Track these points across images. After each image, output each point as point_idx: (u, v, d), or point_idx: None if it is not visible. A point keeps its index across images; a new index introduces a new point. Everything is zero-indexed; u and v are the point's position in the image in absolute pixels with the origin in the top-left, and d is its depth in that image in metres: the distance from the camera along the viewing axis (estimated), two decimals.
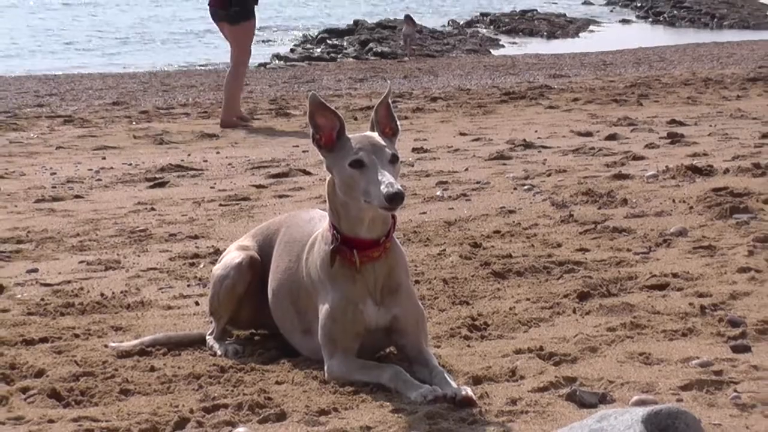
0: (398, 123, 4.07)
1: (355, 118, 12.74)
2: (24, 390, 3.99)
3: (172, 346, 4.52)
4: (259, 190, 8.63)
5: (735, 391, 3.67)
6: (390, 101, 4.06)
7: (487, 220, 6.94)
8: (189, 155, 11.02)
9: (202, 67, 24.03)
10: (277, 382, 4.01)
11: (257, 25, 14.13)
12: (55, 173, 10.01)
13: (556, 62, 22.37)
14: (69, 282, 5.81)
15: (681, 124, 11.55)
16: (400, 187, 3.74)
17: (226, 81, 13.72)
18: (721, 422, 3.40)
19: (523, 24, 34.21)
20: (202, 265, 6.08)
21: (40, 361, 4.30)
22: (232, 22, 13.42)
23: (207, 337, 4.58)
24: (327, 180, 4.02)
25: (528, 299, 5.04)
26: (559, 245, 6.12)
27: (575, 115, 13.25)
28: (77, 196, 8.74)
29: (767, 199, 6.82)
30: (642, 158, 9.12)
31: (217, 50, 26.98)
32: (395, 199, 3.72)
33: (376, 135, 3.97)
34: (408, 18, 26.69)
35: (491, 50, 27.97)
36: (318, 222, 4.27)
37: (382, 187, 3.74)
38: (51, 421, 3.68)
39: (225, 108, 13.63)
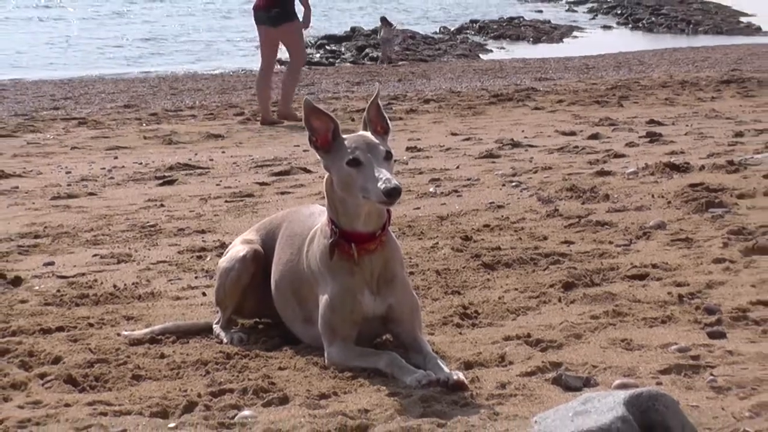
0: (389, 121, 4.05)
1: (352, 119, 12.71)
2: (42, 376, 3.98)
3: (180, 335, 4.51)
4: (263, 187, 8.62)
5: (711, 374, 3.66)
6: (379, 101, 4.04)
7: (477, 215, 6.93)
8: (196, 154, 11.00)
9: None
10: (280, 368, 4.01)
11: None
12: (70, 172, 9.99)
13: (542, 66, 22.35)
14: (84, 274, 5.80)
15: (659, 123, 11.56)
16: (397, 182, 3.72)
17: (285, 78, 13.53)
18: (699, 404, 3.40)
19: (511, 30, 34.17)
20: (208, 258, 6.07)
21: (57, 348, 4.29)
22: (274, 24, 13.13)
23: (213, 326, 4.57)
24: (325, 178, 4.01)
25: (516, 289, 5.04)
26: (545, 238, 6.12)
27: (560, 115, 13.25)
28: (91, 194, 8.72)
29: (741, 194, 6.82)
30: (623, 156, 9.11)
31: (226, 56, 26.95)
32: (393, 194, 3.71)
33: (369, 134, 3.94)
34: (384, 20, 26.20)
35: (480, 55, 27.94)
36: (318, 217, 4.26)
37: (380, 183, 3.72)
38: (67, 405, 3.67)
39: (281, 101, 13.59)
